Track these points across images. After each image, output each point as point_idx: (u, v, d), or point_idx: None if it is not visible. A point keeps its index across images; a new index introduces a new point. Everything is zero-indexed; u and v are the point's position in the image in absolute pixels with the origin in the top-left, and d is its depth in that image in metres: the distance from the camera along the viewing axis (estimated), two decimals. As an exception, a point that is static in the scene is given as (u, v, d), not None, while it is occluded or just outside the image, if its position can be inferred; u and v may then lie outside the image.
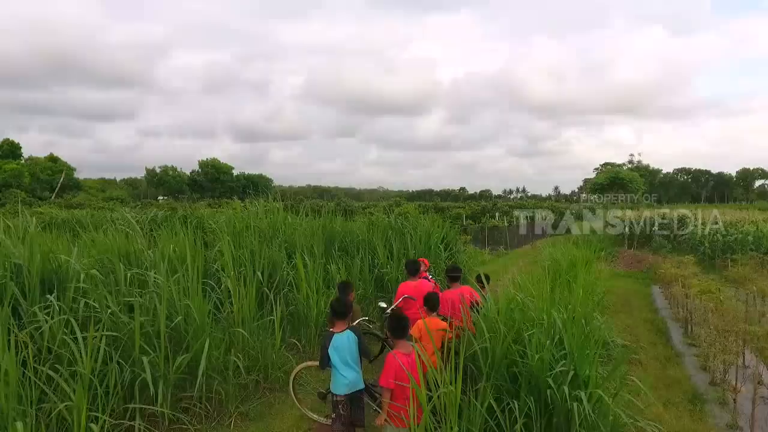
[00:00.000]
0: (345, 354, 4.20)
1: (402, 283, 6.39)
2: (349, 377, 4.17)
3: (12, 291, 4.87)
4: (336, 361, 4.17)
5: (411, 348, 3.87)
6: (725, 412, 5.42)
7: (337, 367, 4.17)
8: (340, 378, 4.16)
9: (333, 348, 4.17)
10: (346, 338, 4.23)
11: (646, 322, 9.36)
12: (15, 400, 3.64)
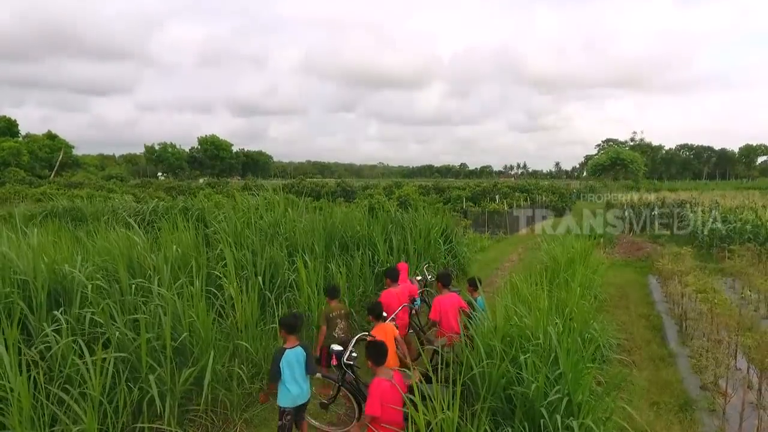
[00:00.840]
0: (294, 369, 4.43)
1: (384, 291, 6.44)
2: (293, 392, 4.44)
3: (20, 308, 4.97)
4: (286, 376, 4.39)
5: (391, 373, 4.04)
6: (714, 419, 5.59)
7: (286, 381, 4.41)
8: (286, 392, 4.42)
9: (285, 363, 4.39)
10: (296, 354, 4.45)
11: (641, 318, 9.52)
12: (29, 424, 3.78)
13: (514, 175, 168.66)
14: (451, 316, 6.02)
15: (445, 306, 6.09)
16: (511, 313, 5.37)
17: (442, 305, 6.09)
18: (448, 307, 6.07)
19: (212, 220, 10.88)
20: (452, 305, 6.15)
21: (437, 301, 6.14)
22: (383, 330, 5.32)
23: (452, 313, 6.03)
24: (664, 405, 5.96)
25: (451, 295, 6.31)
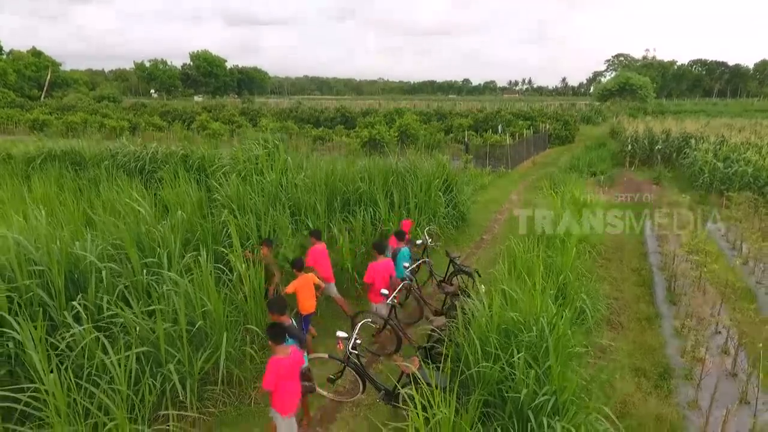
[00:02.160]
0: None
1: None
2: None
3: (40, 299, 5.22)
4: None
5: (289, 350, 4.45)
6: (690, 387, 6.07)
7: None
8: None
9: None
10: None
11: (633, 273, 9.87)
12: (66, 421, 4.18)
13: (519, 92, 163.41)
14: (382, 279, 6.77)
15: (378, 270, 6.78)
16: (505, 307, 5.59)
17: (376, 270, 6.77)
18: (381, 271, 6.79)
19: (213, 175, 10.89)
20: (384, 270, 6.85)
21: (371, 267, 6.82)
22: (305, 279, 6.35)
23: (384, 277, 6.79)
24: (645, 372, 6.44)
25: (385, 261, 6.97)
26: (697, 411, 5.64)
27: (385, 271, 6.83)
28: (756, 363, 6.43)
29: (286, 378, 4.38)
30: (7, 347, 4.71)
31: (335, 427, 5.42)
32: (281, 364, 4.33)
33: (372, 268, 6.76)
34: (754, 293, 8.79)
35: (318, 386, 5.86)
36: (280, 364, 4.32)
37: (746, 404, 5.73)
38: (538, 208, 9.29)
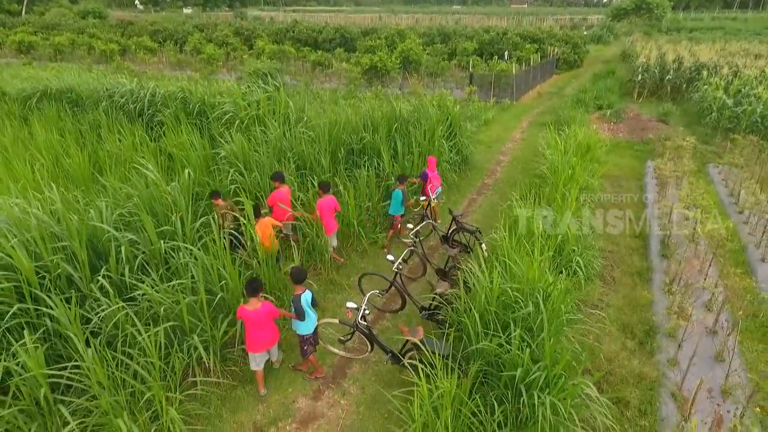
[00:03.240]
0: (309, 307, 5.53)
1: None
2: (311, 322, 5.61)
3: (66, 274, 5.53)
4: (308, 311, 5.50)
5: (259, 305, 5.31)
6: (672, 345, 6.58)
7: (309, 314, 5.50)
8: (307, 324, 5.57)
9: (304, 303, 5.43)
10: (306, 297, 5.55)
11: (630, 224, 10.14)
12: (108, 392, 4.66)
13: (527, 2, 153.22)
14: (329, 214, 7.63)
15: (324, 207, 7.56)
16: (504, 279, 5.90)
17: (322, 207, 7.55)
18: (327, 208, 7.58)
19: (215, 123, 10.81)
20: (329, 207, 7.65)
21: (319, 204, 7.57)
22: (263, 223, 6.91)
23: (330, 212, 7.64)
24: (633, 329, 6.93)
25: (329, 198, 7.67)
26: (676, 368, 6.19)
27: (330, 207, 7.63)
28: (736, 321, 6.93)
29: (254, 325, 5.32)
30: (44, 322, 5.08)
31: (346, 383, 5.98)
32: (245, 312, 5.28)
33: (319, 205, 7.54)
34: (745, 246, 9.12)
35: (330, 345, 6.40)
36: (244, 312, 5.28)
37: (721, 362, 6.26)
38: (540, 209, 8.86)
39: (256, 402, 5.64)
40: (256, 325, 5.34)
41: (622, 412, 5.47)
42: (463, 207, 10.93)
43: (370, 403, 5.67)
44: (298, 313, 5.42)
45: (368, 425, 5.36)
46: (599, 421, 4.72)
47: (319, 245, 7.74)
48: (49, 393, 4.52)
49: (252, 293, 5.27)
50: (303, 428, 5.35)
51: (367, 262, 8.54)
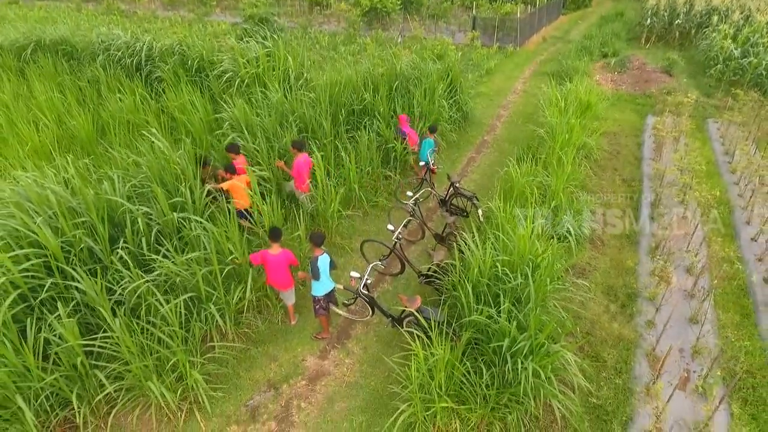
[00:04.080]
0: (325, 270, 5.99)
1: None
2: (325, 285, 6.09)
3: (87, 247, 5.92)
4: (325, 271, 6.00)
5: (279, 250, 6.04)
6: (652, 308, 7.10)
7: (323, 278, 5.97)
8: (321, 286, 6.07)
9: (321, 264, 5.92)
10: (324, 259, 6.00)
11: (624, 184, 10.39)
12: (137, 359, 5.19)
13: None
14: (306, 172, 7.88)
15: (301, 165, 7.82)
16: (497, 252, 6.28)
17: (298, 165, 7.80)
18: (303, 166, 7.84)
19: (215, 81, 10.79)
20: (306, 164, 7.90)
21: (296, 162, 7.83)
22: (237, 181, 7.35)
23: (306, 170, 7.89)
24: (616, 292, 7.43)
25: (304, 156, 7.91)
26: (653, 330, 6.74)
27: (306, 165, 7.86)
28: (712, 286, 7.42)
29: (272, 268, 6.06)
30: (73, 294, 5.54)
31: (350, 343, 6.55)
32: (266, 255, 6.01)
33: (296, 164, 7.80)
34: (733, 209, 9.45)
35: (335, 307, 6.92)
36: (266, 255, 6.01)
37: (695, 324, 6.80)
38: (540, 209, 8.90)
39: (269, 361, 6.23)
40: (274, 268, 6.06)
41: (600, 372, 6.07)
42: (461, 166, 11.16)
43: (372, 362, 6.25)
44: (313, 273, 5.91)
45: (370, 383, 5.97)
46: (575, 381, 5.30)
47: (322, 210, 8.07)
48: (85, 360, 5.05)
49: (274, 239, 6.00)
50: (312, 385, 5.96)
51: (369, 224, 8.92)
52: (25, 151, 9.40)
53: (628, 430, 5.41)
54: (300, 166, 7.79)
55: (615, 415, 5.54)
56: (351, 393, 5.87)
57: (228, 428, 5.43)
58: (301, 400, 5.77)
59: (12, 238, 5.58)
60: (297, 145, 7.88)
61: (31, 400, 4.81)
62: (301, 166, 7.79)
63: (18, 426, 4.76)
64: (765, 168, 10.23)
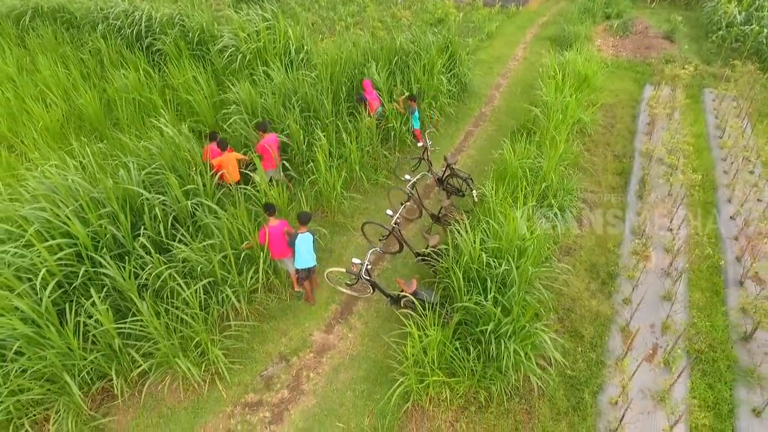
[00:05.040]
0: (306, 246, 6.64)
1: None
2: (304, 260, 6.72)
3: (110, 237, 6.46)
4: (300, 250, 6.62)
5: (276, 222, 6.65)
6: (630, 285, 7.72)
7: (300, 253, 6.65)
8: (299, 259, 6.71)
9: (299, 241, 6.58)
10: (306, 237, 6.63)
11: (616, 160, 10.77)
12: (163, 337, 5.85)
13: None
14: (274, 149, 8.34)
15: (269, 143, 8.24)
16: (487, 240, 6.82)
17: (266, 144, 8.20)
18: (271, 143, 8.28)
19: (217, 56, 10.94)
20: (273, 142, 8.38)
21: (262, 142, 8.21)
22: (228, 157, 7.97)
23: (274, 147, 8.34)
24: (598, 270, 8.03)
25: (271, 135, 8.40)
26: (629, 306, 7.38)
27: (274, 144, 8.33)
28: (688, 265, 8.01)
29: (273, 238, 6.61)
30: (102, 280, 6.14)
31: (353, 319, 7.23)
32: (268, 229, 6.58)
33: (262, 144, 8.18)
34: (717, 186, 9.90)
35: (339, 286, 7.55)
36: (267, 228, 6.58)
37: (668, 301, 7.44)
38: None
39: (280, 335, 6.93)
40: (274, 238, 6.64)
41: (577, 346, 6.77)
42: (459, 141, 11.49)
43: (372, 336, 6.95)
44: (289, 244, 6.68)
45: (371, 355, 6.68)
46: (552, 357, 6.00)
47: (326, 192, 8.55)
48: (120, 343, 5.72)
49: (269, 213, 6.62)
50: (318, 357, 6.67)
51: (369, 202, 9.40)
52: (37, 130, 9.75)
53: (597, 398, 6.16)
54: (267, 145, 8.19)
55: (587, 385, 6.27)
56: (354, 364, 6.59)
57: (246, 396, 6.18)
58: (310, 370, 6.50)
59: (45, 228, 6.10)
60: (261, 126, 8.32)
61: (75, 375, 5.51)
62: (270, 145, 8.21)
63: (66, 397, 5.49)
64: (750, 149, 10.56)
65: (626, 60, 15.76)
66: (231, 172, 7.99)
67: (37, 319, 5.43)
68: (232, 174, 8.00)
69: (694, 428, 5.90)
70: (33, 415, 5.51)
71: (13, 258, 5.70)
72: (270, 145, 8.22)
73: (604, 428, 5.85)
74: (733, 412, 6.08)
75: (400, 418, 5.93)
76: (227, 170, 7.91)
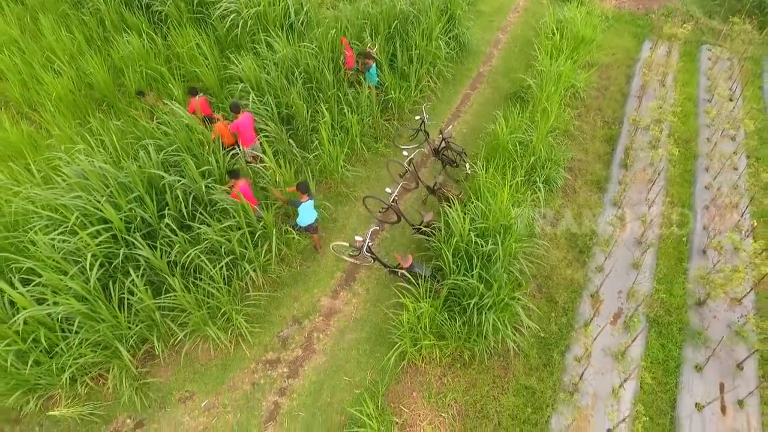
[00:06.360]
0: (308, 210, 7.62)
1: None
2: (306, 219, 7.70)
3: (139, 219, 7.25)
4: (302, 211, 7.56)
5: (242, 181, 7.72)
6: (603, 254, 8.60)
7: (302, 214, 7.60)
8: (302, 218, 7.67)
9: (302, 208, 7.55)
10: (308, 204, 7.60)
11: (605, 126, 11.21)
12: (194, 308, 6.83)
13: None
14: (250, 127, 8.83)
15: (243, 124, 8.69)
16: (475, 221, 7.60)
17: (241, 123, 8.66)
18: (246, 123, 8.73)
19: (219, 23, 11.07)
20: (248, 121, 8.79)
21: (237, 123, 8.64)
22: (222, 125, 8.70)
23: (250, 126, 8.82)
24: (576, 240, 8.88)
25: (245, 115, 8.77)
26: (601, 274, 8.32)
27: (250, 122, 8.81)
28: (658, 235, 8.85)
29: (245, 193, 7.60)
30: (137, 259, 7.01)
31: (356, 285, 8.20)
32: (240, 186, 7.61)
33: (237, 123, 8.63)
34: (697, 155, 10.50)
35: (343, 255, 8.45)
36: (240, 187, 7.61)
37: (636, 269, 8.36)
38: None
39: (292, 301, 7.93)
40: (246, 192, 7.67)
41: (551, 311, 7.79)
42: (456, 105, 11.88)
43: (373, 301, 7.95)
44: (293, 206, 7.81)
45: (372, 319, 7.72)
46: (526, 323, 7.04)
47: (330, 166, 9.21)
48: (158, 317, 6.71)
49: (234, 177, 7.68)
50: (327, 320, 7.72)
51: (370, 171, 10.07)
52: (52, 100, 10.18)
53: (564, 356, 7.26)
54: (243, 124, 8.64)
55: (557, 345, 7.35)
56: (357, 327, 7.65)
57: (266, 354, 7.29)
58: (320, 332, 7.57)
59: (82, 213, 6.88)
60: (234, 108, 8.68)
61: (124, 342, 6.56)
62: (246, 125, 8.68)
63: (117, 360, 6.57)
64: (734, 118, 11.00)
65: (628, 12, 15.61)
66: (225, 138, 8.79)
67: (87, 297, 6.36)
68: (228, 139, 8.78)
69: (644, 381, 7.05)
70: (90, 373, 6.62)
71: (60, 244, 6.52)
72: (245, 124, 8.72)
73: (569, 381, 6.99)
74: (679, 368, 7.20)
75: (397, 373, 7.06)
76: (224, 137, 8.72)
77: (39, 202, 6.96)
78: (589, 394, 6.82)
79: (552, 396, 6.82)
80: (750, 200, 9.18)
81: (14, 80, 11.04)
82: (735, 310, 7.71)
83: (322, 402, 6.83)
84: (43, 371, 6.24)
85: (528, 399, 6.83)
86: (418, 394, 6.88)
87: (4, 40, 11.91)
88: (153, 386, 6.89)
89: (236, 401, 6.82)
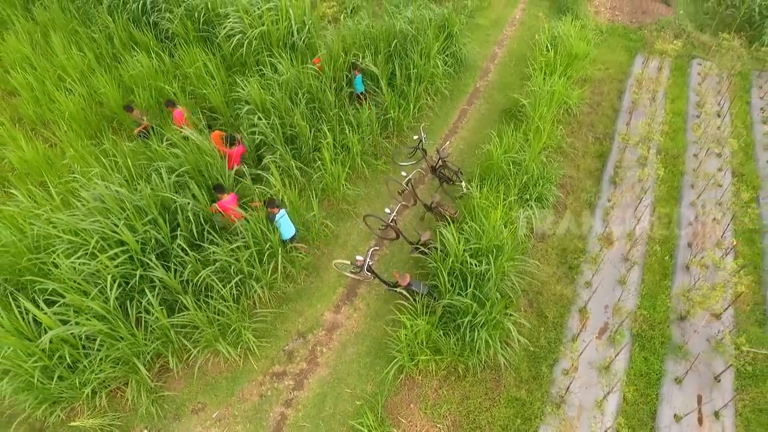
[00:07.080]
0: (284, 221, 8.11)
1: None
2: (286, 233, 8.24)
3: (153, 243, 7.71)
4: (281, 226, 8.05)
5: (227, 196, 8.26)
6: (592, 270, 9.06)
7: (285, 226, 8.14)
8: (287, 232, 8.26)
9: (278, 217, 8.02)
10: (281, 215, 8.07)
11: (596, 142, 11.67)
12: (206, 325, 7.30)
13: None
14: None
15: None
16: (470, 241, 8.05)
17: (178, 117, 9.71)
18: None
19: (224, 43, 11.46)
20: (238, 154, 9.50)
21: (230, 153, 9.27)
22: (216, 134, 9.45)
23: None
24: (567, 255, 9.34)
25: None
26: (589, 289, 8.79)
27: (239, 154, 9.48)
28: (645, 252, 9.31)
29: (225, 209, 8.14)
30: (152, 279, 7.47)
31: (357, 301, 8.67)
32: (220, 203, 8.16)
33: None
34: (684, 172, 10.95)
35: (345, 272, 8.91)
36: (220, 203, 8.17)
37: (623, 284, 8.83)
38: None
39: (297, 316, 8.40)
40: (227, 209, 8.19)
41: (541, 326, 8.26)
42: (453, 121, 12.31)
43: (374, 316, 8.42)
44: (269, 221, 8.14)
45: (373, 333, 8.19)
46: (516, 339, 7.51)
47: (332, 185, 9.66)
48: (173, 333, 7.18)
49: (219, 192, 8.20)
50: (330, 334, 8.19)
51: (369, 188, 10.51)
52: (65, 119, 10.60)
53: (553, 369, 7.74)
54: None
55: (545, 359, 7.83)
56: (358, 341, 8.13)
57: (273, 367, 7.77)
58: (323, 346, 8.05)
59: (100, 236, 7.33)
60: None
61: (141, 358, 7.03)
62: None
63: (134, 375, 7.04)
64: (719, 136, 11.44)
65: (621, 25, 16.01)
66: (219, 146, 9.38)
67: (107, 316, 6.83)
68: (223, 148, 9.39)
69: (627, 392, 7.54)
70: (110, 387, 7.10)
71: (80, 266, 6.98)
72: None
73: (556, 393, 7.47)
74: (660, 380, 7.68)
75: (395, 385, 7.54)
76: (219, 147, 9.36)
77: (60, 226, 7.40)
78: (575, 406, 7.31)
79: (540, 407, 7.30)
80: (732, 218, 9.63)
81: (27, 97, 11.46)
82: (712, 326, 8.18)
83: (326, 413, 7.32)
84: (67, 385, 6.71)
85: (518, 410, 7.31)
86: (415, 405, 7.36)
87: (16, 57, 12.32)
88: (168, 398, 7.37)
89: (245, 412, 7.30)
